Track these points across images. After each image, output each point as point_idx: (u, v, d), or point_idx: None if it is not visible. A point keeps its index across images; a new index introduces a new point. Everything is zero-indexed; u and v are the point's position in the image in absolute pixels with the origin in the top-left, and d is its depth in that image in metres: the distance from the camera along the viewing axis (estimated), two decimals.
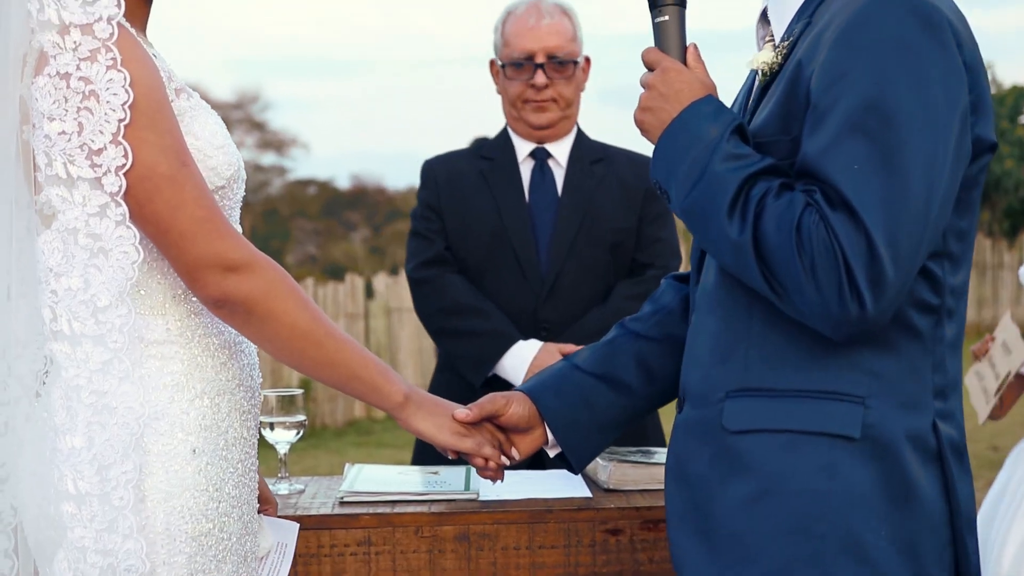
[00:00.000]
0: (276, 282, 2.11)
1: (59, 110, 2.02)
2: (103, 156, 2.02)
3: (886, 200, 1.93)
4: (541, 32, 3.89)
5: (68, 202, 2.04)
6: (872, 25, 1.97)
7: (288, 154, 33.58)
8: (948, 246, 2.08)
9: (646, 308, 2.51)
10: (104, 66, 2.02)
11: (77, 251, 2.05)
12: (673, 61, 2.18)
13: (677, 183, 2.08)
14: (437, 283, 3.86)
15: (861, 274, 1.94)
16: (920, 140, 1.94)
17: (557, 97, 3.90)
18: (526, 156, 3.94)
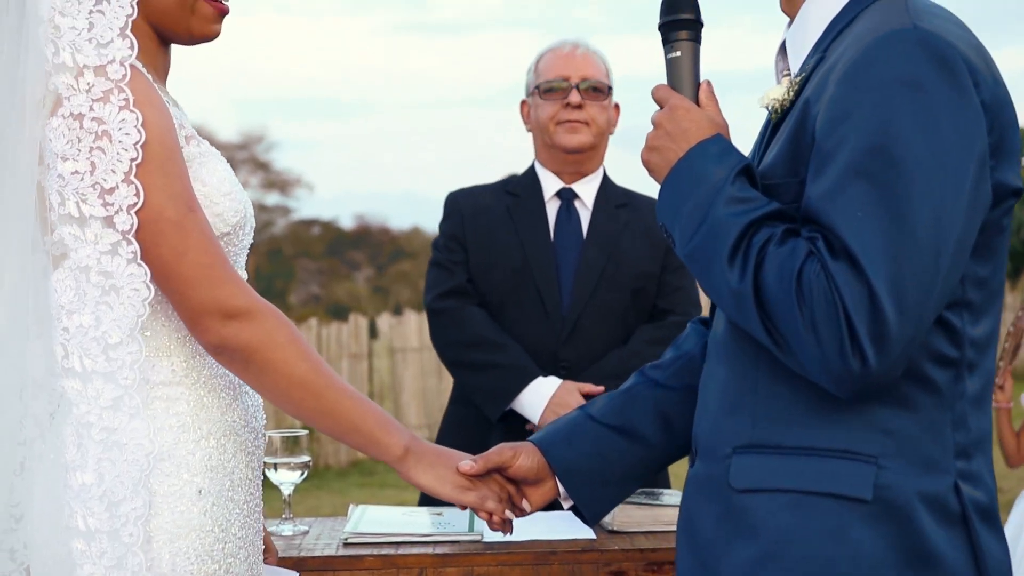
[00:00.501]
0: (275, 331, 2.11)
1: (72, 150, 2.03)
2: (115, 195, 2.03)
3: (890, 249, 1.82)
4: (577, 60, 3.93)
5: (80, 240, 2.05)
6: (880, 63, 1.87)
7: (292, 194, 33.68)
8: (967, 294, 1.95)
9: (668, 354, 2.42)
10: (117, 106, 2.03)
11: (89, 289, 2.05)
12: (681, 98, 2.10)
13: (680, 227, 1.99)
14: (457, 314, 3.83)
15: (863, 328, 1.82)
16: (929, 186, 1.83)
17: (590, 120, 3.90)
18: (552, 195, 3.93)
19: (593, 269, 3.84)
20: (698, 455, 2.12)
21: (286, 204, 33.62)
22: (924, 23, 1.89)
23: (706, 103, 2.11)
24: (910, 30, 1.88)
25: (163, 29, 2.23)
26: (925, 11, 1.94)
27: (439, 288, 3.87)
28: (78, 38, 2.05)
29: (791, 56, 2.12)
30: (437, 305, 3.86)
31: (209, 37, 2.26)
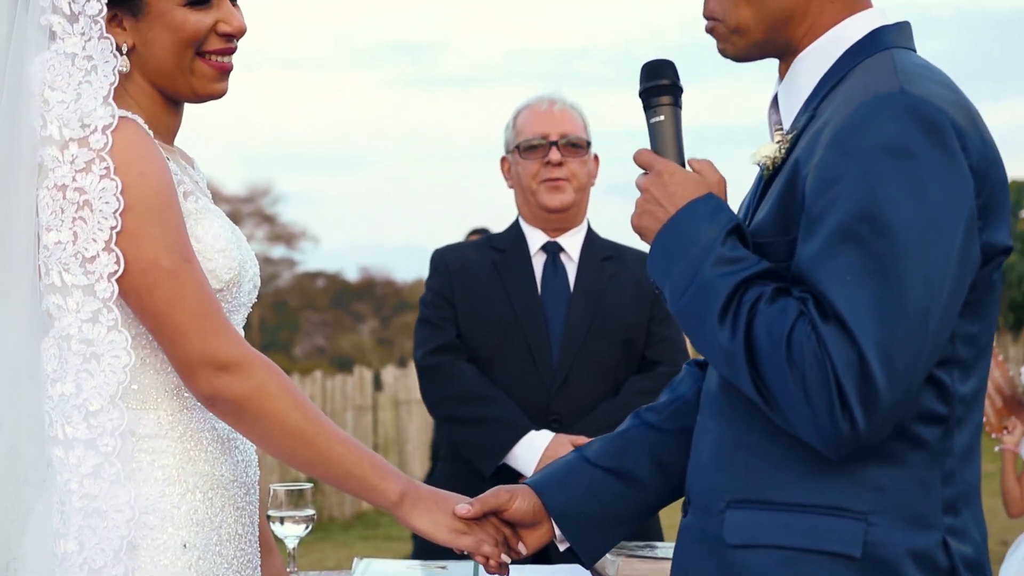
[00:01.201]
0: (268, 382, 2.12)
1: (56, 220, 2.07)
2: (96, 263, 2.07)
3: (880, 313, 1.85)
4: (555, 117, 3.95)
5: (63, 309, 2.08)
6: (868, 128, 1.90)
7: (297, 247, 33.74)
8: (957, 352, 1.98)
9: (663, 397, 2.44)
10: (98, 175, 2.06)
11: (71, 357, 2.09)
12: (666, 163, 2.12)
13: (671, 285, 2.02)
14: (447, 370, 3.84)
15: (852, 391, 1.85)
16: (918, 250, 1.86)
17: (571, 176, 3.92)
18: (538, 249, 3.96)
19: (581, 322, 3.86)
20: (692, 507, 2.14)
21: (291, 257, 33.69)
22: (912, 87, 1.93)
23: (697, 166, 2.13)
24: (897, 95, 1.91)
25: (166, 90, 2.25)
26: (913, 73, 1.97)
27: (429, 345, 3.90)
28: (66, 111, 2.08)
29: (783, 111, 2.15)
30: (427, 362, 3.88)
31: (214, 95, 2.28)
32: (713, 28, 2.14)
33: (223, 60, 2.26)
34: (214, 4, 2.23)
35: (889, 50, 2.04)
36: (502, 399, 3.79)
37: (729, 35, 2.13)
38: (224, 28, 2.23)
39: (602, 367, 3.85)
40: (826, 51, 2.09)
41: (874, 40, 2.07)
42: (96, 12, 2.12)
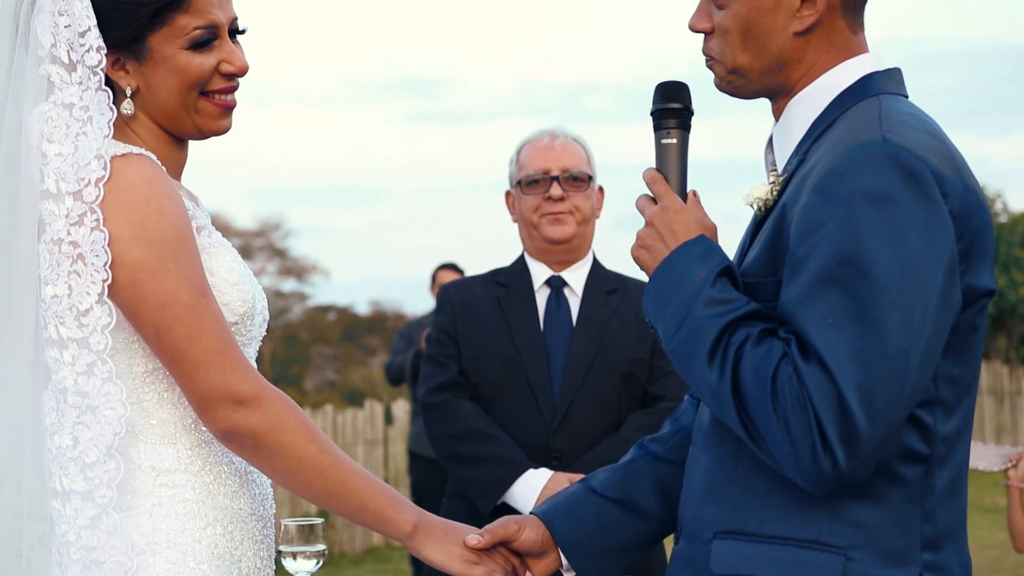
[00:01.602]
0: (284, 416, 2.15)
1: (52, 274, 2.10)
2: (90, 316, 2.10)
3: (860, 354, 1.90)
4: (556, 152, 3.97)
5: (60, 362, 2.11)
6: (851, 175, 1.96)
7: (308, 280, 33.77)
8: (940, 393, 2.04)
9: (666, 427, 2.49)
10: (89, 228, 2.10)
11: (67, 410, 2.11)
12: (674, 199, 2.17)
13: (664, 325, 2.08)
14: (449, 408, 3.87)
15: (832, 431, 1.90)
16: (897, 293, 1.91)
17: (573, 210, 3.94)
18: (542, 284, 3.98)
19: (583, 357, 3.88)
20: (683, 534, 2.20)
21: (302, 290, 33.73)
22: (894, 135, 1.99)
23: (693, 206, 2.18)
24: (879, 143, 1.97)
25: (172, 129, 2.28)
26: (897, 121, 2.03)
27: (432, 382, 3.93)
28: (63, 164, 2.11)
29: (777, 152, 2.22)
30: (430, 400, 3.91)
31: (218, 132, 2.30)
32: (712, 68, 2.20)
33: (226, 98, 2.29)
34: (216, 45, 2.26)
35: (877, 96, 2.10)
36: (502, 437, 3.81)
37: (727, 75, 2.18)
38: (227, 68, 2.26)
39: (603, 402, 3.86)
40: (818, 96, 2.15)
41: (864, 86, 2.13)
42: (95, 63, 2.15)
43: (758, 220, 2.17)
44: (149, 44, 2.21)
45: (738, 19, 2.14)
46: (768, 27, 2.13)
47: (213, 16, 2.24)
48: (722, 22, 2.15)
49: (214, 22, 2.24)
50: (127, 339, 2.17)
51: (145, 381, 2.19)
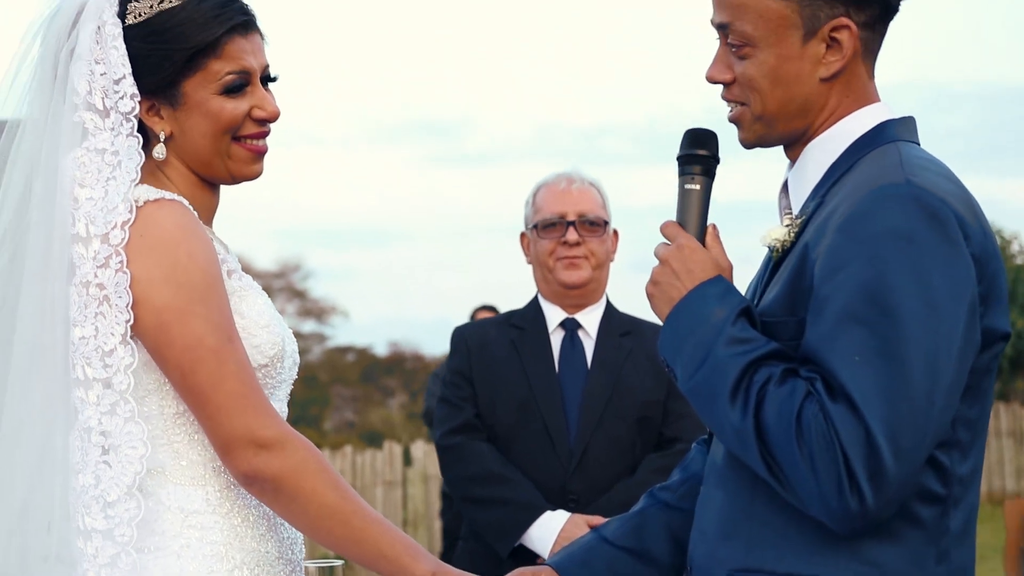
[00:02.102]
0: (306, 461, 2.16)
1: (81, 316, 2.13)
2: (114, 356, 2.13)
3: (886, 392, 1.92)
4: (572, 196, 3.99)
5: (85, 402, 2.14)
6: (875, 216, 1.97)
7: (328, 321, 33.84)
8: (957, 435, 2.04)
9: (675, 476, 2.49)
10: (114, 270, 2.13)
11: (91, 449, 2.13)
12: (689, 238, 2.17)
13: (682, 364, 2.09)
14: (465, 450, 3.89)
15: (860, 468, 1.91)
16: (922, 332, 1.93)
17: (589, 255, 3.96)
18: (556, 326, 4.00)
19: (598, 400, 3.89)
20: (692, 574, 2.20)
21: (321, 331, 33.79)
22: (917, 178, 2.00)
23: (712, 245, 2.19)
24: (903, 185, 1.99)
25: (204, 174, 2.31)
26: (918, 165, 2.05)
27: (448, 425, 3.94)
28: (93, 208, 2.15)
29: (792, 196, 2.22)
30: (446, 442, 3.92)
31: (250, 177, 2.33)
32: (739, 116, 2.19)
33: (258, 143, 2.32)
34: (248, 91, 2.29)
35: (895, 143, 2.12)
36: (519, 479, 3.82)
37: (753, 122, 2.18)
38: (259, 114, 2.29)
39: (619, 445, 3.87)
40: (835, 142, 2.16)
41: (880, 133, 2.15)
42: (128, 110, 2.19)
43: (775, 261, 2.18)
44: (183, 89, 2.25)
45: (764, 67, 2.14)
46: (795, 75, 2.13)
47: (245, 62, 2.27)
48: (746, 71, 2.15)
49: (246, 68, 2.27)
50: (159, 380, 2.19)
51: (176, 423, 2.21)
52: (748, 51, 2.14)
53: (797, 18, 2.11)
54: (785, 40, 2.12)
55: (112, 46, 2.20)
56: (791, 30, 2.12)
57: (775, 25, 2.12)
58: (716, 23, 2.18)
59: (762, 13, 2.12)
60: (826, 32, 2.11)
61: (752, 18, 2.13)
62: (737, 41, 2.14)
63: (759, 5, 2.12)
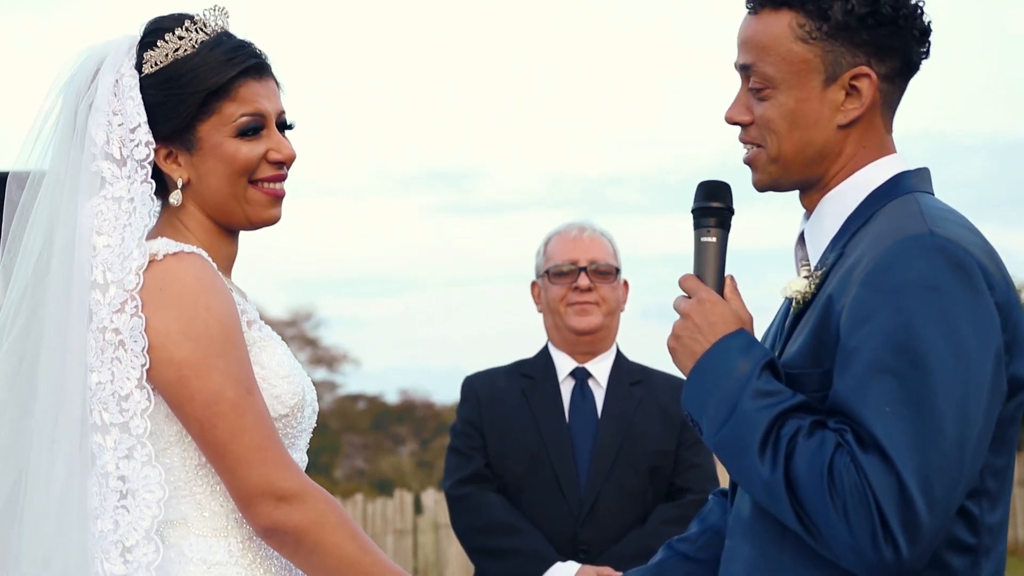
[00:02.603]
0: (326, 513, 2.17)
1: (97, 361, 2.16)
2: (130, 400, 2.14)
3: (918, 442, 1.92)
4: (584, 244, 4.04)
5: (103, 447, 2.15)
6: (899, 267, 1.99)
7: (339, 369, 33.84)
8: (986, 484, 2.04)
9: (694, 527, 2.47)
10: (129, 314, 2.15)
11: (109, 494, 2.14)
12: (710, 291, 2.18)
13: (708, 417, 2.08)
14: (475, 501, 3.89)
15: (894, 518, 1.91)
16: (952, 382, 1.94)
17: (600, 301, 4.00)
18: (566, 375, 4.02)
19: (609, 450, 3.90)
20: None
21: (332, 379, 33.76)
22: (940, 229, 2.02)
23: (731, 297, 2.20)
24: (927, 236, 2.01)
25: (222, 220, 2.32)
26: (939, 216, 2.07)
27: (458, 474, 3.95)
28: (110, 255, 2.18)
29: (809, 247, 2.23)
30: (456, 492, 3.93)
31: (268, 222, 2.34)
32: (754, 157, 2.21)
33: (275, 187, 2.33)
34: (264, 134, 2.31)
35: (912, 194, 2.14)
36: (529, 530, 3.82)
37: (768, 164, 2.19)
38: (275, 156, 2.31)
39: (630, 495, 3.88)
40: (852, 193, 2.18)
41: (897, 184, 2.16)
42: (143, 157, 2.22)
43: (795, 313, 2.18)
44: (198, 133, 2.27)
45: (783, 110, 2.16)
46: (813, 119, 2.16)
47: (259, 105, 2.30)
48: (765, 113, 2.17)
49: (260, 111, 2.30)
50: (180, 432, 2.20)
51: (198, 474, 2.22)
52: (769, 93, 2.17)
53: (819, 63, 2.14)
54: (806, 84, 2.14)
55: (128, 96, 2.24)
56: (812, 74, 2.14)
57: (797, 68, 2.14)
58: (739, 65, 2.21)
59: (785, 56, 2.15)
60: (847, 79, 2.14)
61: (775, 60, 2.15)
62: (759, 83, 2.17)
63: (782, 48, 2.15)
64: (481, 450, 3.96)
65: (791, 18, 2.14)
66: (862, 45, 2.13)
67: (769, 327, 2.32)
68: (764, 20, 2.17)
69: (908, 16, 2.14)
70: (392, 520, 13.09)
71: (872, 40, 2.13)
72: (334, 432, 31.79)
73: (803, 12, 2.13)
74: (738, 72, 2.22)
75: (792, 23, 2.14)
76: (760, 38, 2.17)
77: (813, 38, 2.13)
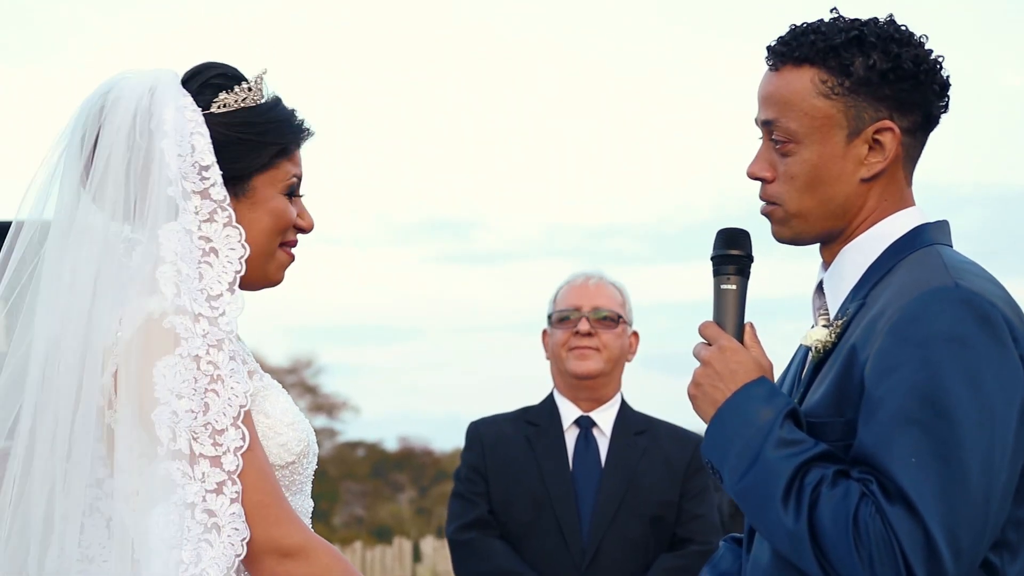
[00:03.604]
0: (331, 568, 2.15)
1: (188, 389, 2.11)
2: (224, 436, 2.11)
3: (944, 494, 1.92)
4: (589, 290, 4.07)
5: (188, 477, 2.10)
6: (926, 319, 1.99)
7: (338, 417, 33.81)
8: (1007, 536, 2.04)
9: (706, 574, 2.44)
10: (228, 356, 2.14)
11: (193, 525, 2.09)
12: (730, 339, 2.16)
13: (730, 466, 2.07)
14: (478, 546, 3.89)
15: (921, 569, 1.91)
16: (977, 434, 1.94)
17: (601, 347, 4.01)
18: (571, 424, 4.03)
19: (612, 499, 3.91)
20: None
21: (332, 427, 33.72)
22: (964, 281, 2.03)
23: (751, 344, 2.19)
24: (953, 288, 2.02)
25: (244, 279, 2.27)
26: (963, 269, 2.08)
27: (461, 520, 3.95)
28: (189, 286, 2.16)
29: (829, 298, 2.23)
30: (459, 537, 3.94)
31: (277, 282, 2.35)
32: (771, 212, 2.21)
33: (294, 251, 2.35)
34: (294, 199, 2.33)
35: (933, 246, 2.15)
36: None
37: (789, 219, 2.20)
38: (302, 223, 2.33)
39: (632, 544, 3.88)
40: (872, 244, 2.18)
41: (916, 237, 2.17)
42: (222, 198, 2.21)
43: (815, 362, 2.17)
44: (253, 183, 2.27)
45: (807, 165, 2.16)
46: (837, 173, 2.16)
47: (301, 169, 2.33)
48: (788, 169, 2.17)
49: (301, 175, 2.33)
50: None
51: None
52: (792, 148, 2.17)
53: (842, 118, 2.15)
54: (830, 139, 2.15)
55: (198, 132, 2.21)
56: (835, 129, 2.15)
57: (820, 123, 2.15)
58: (761, 120, 2.21)
59: (808, 111, 2.15)
60: (870, 134, 2.15)
61: (798, 115, 2.16)
62: (782, 137, 2.17)
63: (805, 103, 2.16)
64: (485, 496, 3.97)
65: (813, 74, 2.15)
66: (884, 99, 2.14)
67: (783, 375, 2.32)
68: (786, 76, 2.18)
69: (928, 71, 2.15)
70: (391, 568, 13.04)
71: (894, 95, 2.14)
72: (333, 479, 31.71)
73: (825, 68, 2.14)
74: (759, 128, 2.22)
75: (815, 79, 2.15)
76: (783, 93, 2.17)
77: (836, 93, 2.14)
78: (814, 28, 2.18)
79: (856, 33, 2.15)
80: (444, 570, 13.19)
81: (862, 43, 2.14)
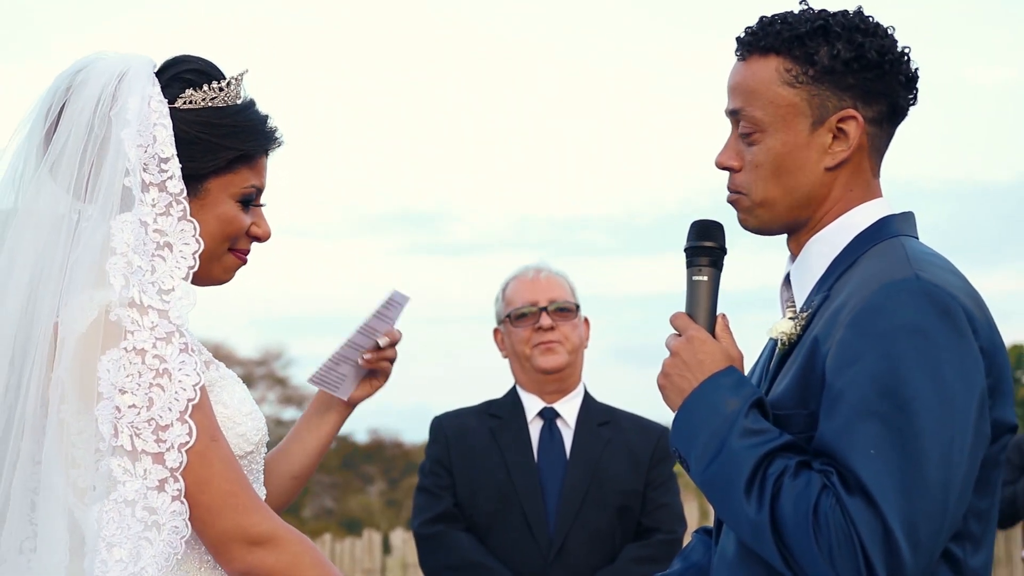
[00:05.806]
0: (301, 555, 2.15)
1: (132, 384, 2.09)
2: (169, 432, 2.09)
3: (903, 486, 1.93)
4: (542, 284, 4.08)
5: (130, 474, 2.09)
6: (887, 311, 2.00)
7: None
8: (969, 527, 2.05)
9: (676, 565, 2.46)
10: (177, 348, 2.12)
11: (133, 523, 2.09)
12: (699, 329, 2.18)
13: (696, 455, 2.08)
14: (444, 539, 3.91)
15: (879, 561, 1.92)
16: (937, 426, 1.95)
17: (563, 339, 4.02)
18: (535, 416, 4.04)
19: (577, 490, 3.92)
20: None
21: None
22: (926, 273, 2.04)
23: (722, 335, 2.20)
24: (913, 280, 2.03)
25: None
26: (925, 260, 2.09)
27: (426, 514, 3.96)
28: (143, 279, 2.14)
29: (795, 289, 2.24)
30: (425, 531, 3.95)
31: (224, 282, 2.35)
32: (737, 200, 2.23)
33: (247, 256, 2.34)
34: (252, 207, 2.31)
35: (897, 237, 2.16)
36: (498, 569, 3.84)
37: (754, 208, 2.21)
38: (256, 232, 2.32)
39: (599, 534, 3.90)
40: (838, 236, 2.19)
41: (881, 228, 2.18)
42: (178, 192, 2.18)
43: (781, 354, 2.19)
44: (207, 185, 2.25)
45: (771, 154, 2.18)
46: (801, 162, 2.17)
47: (263, 180, 2.31)
48: (754, 158, 2.19)
49: (261, 186, 2.31)
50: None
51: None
52: (757, 136, 2.19)
53: (806, 106, 2.16)
54: (793, 127, 2.17)
55: (160, 123, 2.19)
56: (799, 118, 2.16)
57: (784, 112, 2.17)
58: (728, 110, 2.23)
59: (772, 99, 2.17)
60: (833, 122, 2.16)
61: (763, 104, 2.18)
62: (748, 127, 2.19)
63: (770, 92, 2.17)
64: (450, 489, 3.97)
65: (778, 63, 2.17)
66: (848, 89, 2.16)
67: (753, 368, 2.33)
68: (752, 66, 2.20)
69: (894, 62, 2.17)
70: (360, 560, 13.03)
71: (858, 84, 2.16)
72: None
73: (790, 57, 2.16)
74: (728, 118, 2.24)
75: (779, 68, 2.17)
76: (748, 83, 2.19)
77: (800, 82, 2.16)
78: (781, 18, 2.20)
79: (822, 23, 2.16)
80: (414, 562, 13.18)
81: (827, 32, 2.16)
